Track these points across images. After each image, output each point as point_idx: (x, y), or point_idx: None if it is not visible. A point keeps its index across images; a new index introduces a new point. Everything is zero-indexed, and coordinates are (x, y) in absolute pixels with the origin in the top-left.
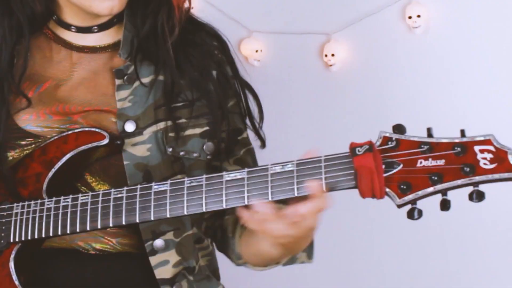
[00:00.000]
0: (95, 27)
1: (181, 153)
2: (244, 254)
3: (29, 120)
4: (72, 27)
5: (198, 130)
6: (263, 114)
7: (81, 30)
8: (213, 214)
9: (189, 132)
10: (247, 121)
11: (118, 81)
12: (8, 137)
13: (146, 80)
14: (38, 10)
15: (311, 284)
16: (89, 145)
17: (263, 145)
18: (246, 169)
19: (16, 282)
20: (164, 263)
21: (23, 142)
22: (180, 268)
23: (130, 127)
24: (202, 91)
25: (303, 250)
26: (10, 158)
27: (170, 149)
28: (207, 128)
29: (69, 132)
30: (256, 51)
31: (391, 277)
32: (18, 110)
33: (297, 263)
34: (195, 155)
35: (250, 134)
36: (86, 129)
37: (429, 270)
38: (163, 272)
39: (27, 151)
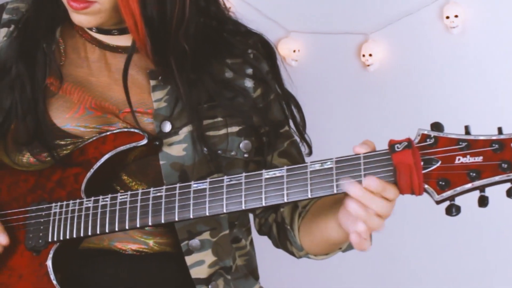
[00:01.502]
0: (115, 30)
1: (218, 152)
2: (305, 244)
3: (67, 120)
4: (93, 28)
5: (234, 129)
6: (305, 122)
7: (101, 31)
8: (265, 210)
9: (225, 130)
10: (292, 126)
11: (153, 82)
12: (49, 138)
13: (180, 79)
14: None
15: (347, 284)
16: (128, 146)
17: (310, 152)
18: (285, 167)
19: (54, 282)
20: (200, 263)
21: (62, 142)
22: (216, 268)
23: (166, 127)
24: (235, 91)
25: None
26: (49, 158)
27: (206, 148)
28: (243, 126)
29: (108, 133)
30: (294, 51)
31: (426, 275)
32: (56, 110)
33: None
34: (231, 153)
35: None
36: (125, 129)
37: (467, 267)
38: (198, 272)
39: (65, 152)
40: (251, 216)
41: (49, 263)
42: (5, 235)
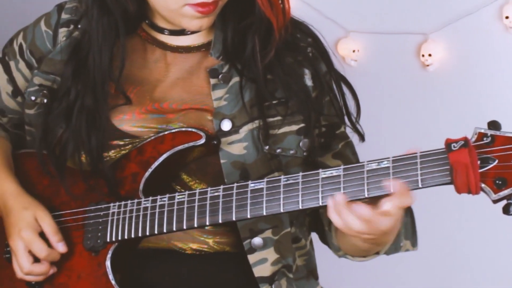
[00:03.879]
0: (188, 31)
1: (278, 150)
2: (342, 246)
3: (126, 120)
4: (165, 30)
5: (294, 127)
6: (360, 107)
7: (174, 33)
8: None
9: (285, 129)
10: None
11: (213, 81)
12: (106, 138)
13: (239, 79)
14: (131, 9)
15: (406, 284)
16: (186, 145)
17: (361, 138)
18: (342, 166)
19: (113, 282)
20: (263, 261)
21: (121, 142)
22: (279, 266)
23: (226, 125)
24: (296, 89)
25: (406, 238)
26: (107, 158)
27: (267, 147)
28: (302, 125)
29: (166, 133)
30: (353, 51)
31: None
32: (115, 110)
33: (402, 251)
34: (291, 152)
35: (347, 129)
36: (183, 129)
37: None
38: (261, 270)
39: (123, 152)
40: None
41: (107, 263)
42: (64, 244)
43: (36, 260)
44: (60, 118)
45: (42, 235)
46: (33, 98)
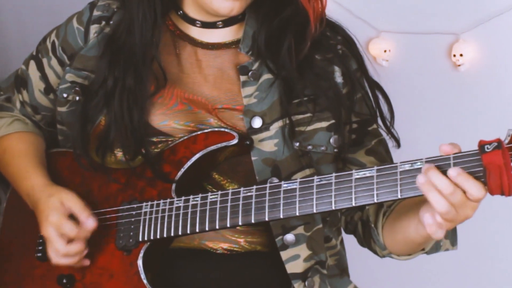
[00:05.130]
0: (220, 22)
1: (308, 147)
2: (388, 243)
3: (158, 117)
4: (197, 22)
5: (324, 124)
6: (394, 112)
7: (206, 25)
8: (351, 208)
9: (315, 126)
10: (379, 121)
11: (243, 78)
12: (143, 135)
13: (269, 76)
14: None
15: (437, 284)
16: (218, 145)
17: (398, 144)
18: (375, 167)
19: (145, 281)
20: (295, 257)
21: (154, 139)
22: (312, 262)
23: (257, 123)
24: (326, 86)
25: (446, 237)
26: (140, 157)
27: (297, 144)
28: (333, 121)
29: (199, 132)
30: (385, 51)
31: None
32: (148, 107)
33: (441, 250)
34: (322, 148)
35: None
36: (216, 129)
37: None
38: (294, 267)
39: (156, 150)
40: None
41: (139, 262)
42: (93, 219)
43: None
44: (98, 107)
45: (72, 218)
46: (65, 95)
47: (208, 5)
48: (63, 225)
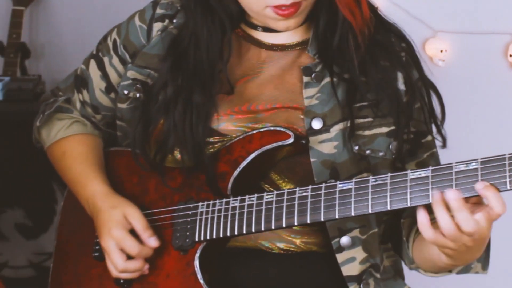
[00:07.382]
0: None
1: (367, 151)
2: (416, 259)
3: (217, 120)
4: (259, 27)
5: (384, 129)
6: (445, 113)
7: (267, 30)
8: (391, 216)
9: (375, 131)
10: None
11: (306, 79)
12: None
13: (333, 78)
14: (233, 9)
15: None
16: (274, 144)
17: (444, 144)
18: (430, 168)
19: (201, 281)
20: (351, 260)
21: (211, 140)
22: (367, 265)
23: (317, 124)
24: (387, 92)
25: (478, 261)
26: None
27: (357, 147)
28: (393, 127)
29: (254, 132)
30: (441, 51)
31: None
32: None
33: (471, 272)
34: (381, 154)
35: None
36: (271, 128)
37: None
38: (350, 269)
39: (212, 150)
40: None
41: (196, 262)
42: (156, 238)
43: (130, 258)
44: (159, 112)
45: (132, 232)
46: (126, 92)
47: (266, 24)
48: (126, 241)
